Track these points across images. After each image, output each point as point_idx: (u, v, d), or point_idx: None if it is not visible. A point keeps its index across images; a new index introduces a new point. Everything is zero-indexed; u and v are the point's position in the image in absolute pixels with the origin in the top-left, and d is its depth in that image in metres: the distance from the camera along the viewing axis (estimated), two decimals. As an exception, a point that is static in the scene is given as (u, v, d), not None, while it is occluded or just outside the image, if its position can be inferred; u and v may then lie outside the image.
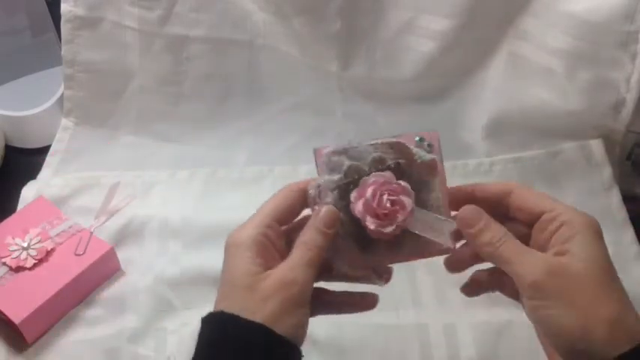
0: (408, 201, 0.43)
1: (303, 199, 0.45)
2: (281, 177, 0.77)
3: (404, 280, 0.67)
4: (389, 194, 0.42)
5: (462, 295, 0.48)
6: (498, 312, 0.62)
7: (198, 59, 0.82)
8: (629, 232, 0.69)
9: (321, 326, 0.62)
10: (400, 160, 0.44)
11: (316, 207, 0.44)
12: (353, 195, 0.43)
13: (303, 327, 0.42)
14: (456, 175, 0.76)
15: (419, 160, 0.44)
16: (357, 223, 0.43)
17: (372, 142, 0.44)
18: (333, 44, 0.79)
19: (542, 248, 0.42)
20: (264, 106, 0.84)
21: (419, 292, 0.66)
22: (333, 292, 0.47)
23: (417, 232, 0.43)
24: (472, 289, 0.47)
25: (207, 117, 0.84)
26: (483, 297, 0.48)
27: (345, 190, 0.43)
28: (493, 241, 0.41)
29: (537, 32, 0.72)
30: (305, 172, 0.75)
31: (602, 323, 0.38)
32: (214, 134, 0.83)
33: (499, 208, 0.44)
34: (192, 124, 0.84)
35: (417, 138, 0.45)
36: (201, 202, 0.75)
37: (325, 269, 0.45)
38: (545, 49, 0.72)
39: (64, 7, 0.81)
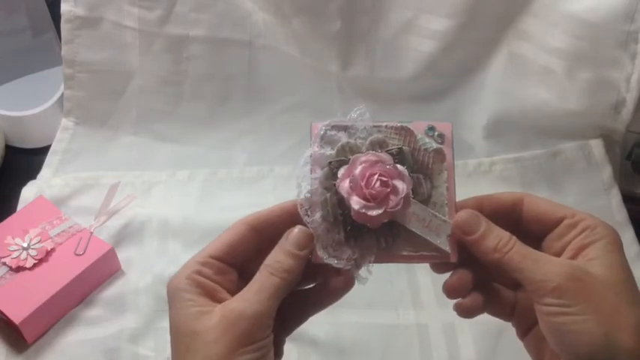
0: (402, 186, 0.39)
1: (253, 233, 0.41)
2: (281, 177, 0.77)
3: (404, 280, 0.67)
4: (380, 175, 0.38)
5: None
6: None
7: (198, 59, 0.82)
8: (629, 232, 0.69)
9: (321, 326, 0.62)
10: (403, 147, 0.40)
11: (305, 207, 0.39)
12: (341, 172, 0.39)
13: None
14: (456, 175, 0.76)
15: (423, 149, 0.41)
16: (344, 206, 0.39)
17: (377, 124, 0.41)
18: (333, 44, 0.79)
19: (557, 255, 0.39)
20: (263, 106, 0.84)
21: (419, 292, 0.66)
22: (297, 293, 0.42)
23: (410, 227, 0.40)
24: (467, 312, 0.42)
25: (207, 117, 0.84)
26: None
27: (335, 168, 0.40)
28: (499, 247, 0.38)
29: (537, 32, 0.72)
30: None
31: (627, 331, 0.35)
32: (214, 134, 0.83)
33: (509, 219, 0.41)
34: (192, 124, 0.84)
35: (427, 127, 0.41)
36: (201, 202, 0.75)
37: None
38: (545, 49, 0.72)
39: (64, 7, 0.81)
